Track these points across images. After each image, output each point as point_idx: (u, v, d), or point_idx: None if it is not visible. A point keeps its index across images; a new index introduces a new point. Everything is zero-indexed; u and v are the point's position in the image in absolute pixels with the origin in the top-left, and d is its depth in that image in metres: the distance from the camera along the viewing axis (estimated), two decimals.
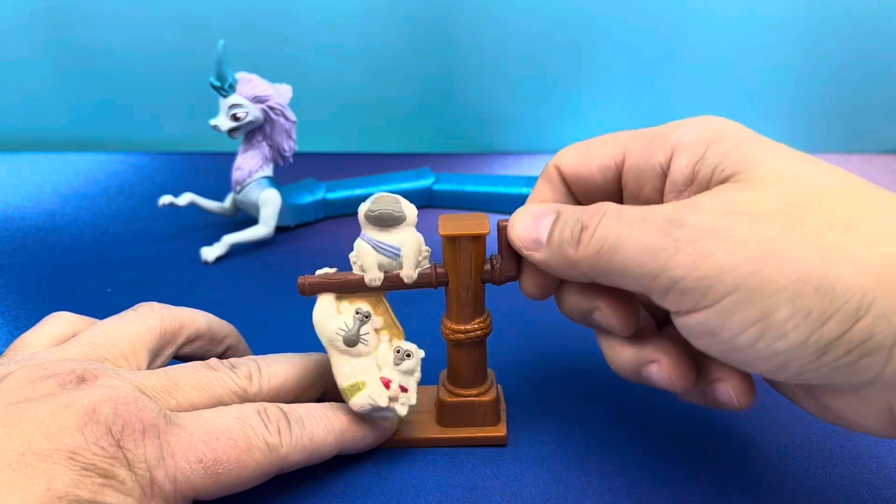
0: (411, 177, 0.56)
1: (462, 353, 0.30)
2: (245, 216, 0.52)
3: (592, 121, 0.69)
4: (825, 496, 0.28)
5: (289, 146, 0.50)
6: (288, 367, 0.29)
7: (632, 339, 0.27)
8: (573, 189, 0.28)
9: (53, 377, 0.24)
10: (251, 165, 0.49)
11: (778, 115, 0.67)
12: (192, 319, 0.30)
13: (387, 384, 0.28)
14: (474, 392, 0.30)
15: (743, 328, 0.21)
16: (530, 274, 0.28)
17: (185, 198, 0.49)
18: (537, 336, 0.38)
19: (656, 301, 0.23)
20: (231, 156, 0.50)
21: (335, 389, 0.31)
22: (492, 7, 0.64)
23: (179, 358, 0.31)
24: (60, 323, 0.29)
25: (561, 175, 0.28)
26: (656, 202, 0.26)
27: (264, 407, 0.26)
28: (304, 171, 0.57)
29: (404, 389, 0.28)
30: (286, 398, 0.29)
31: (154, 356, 0.29)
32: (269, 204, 0.49)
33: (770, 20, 0.63)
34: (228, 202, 0.52)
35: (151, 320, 0.29)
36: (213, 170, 0.61)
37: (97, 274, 0.47)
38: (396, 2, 0.64)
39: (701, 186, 0.23)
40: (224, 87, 0.46)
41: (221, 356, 0.31)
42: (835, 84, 0.65)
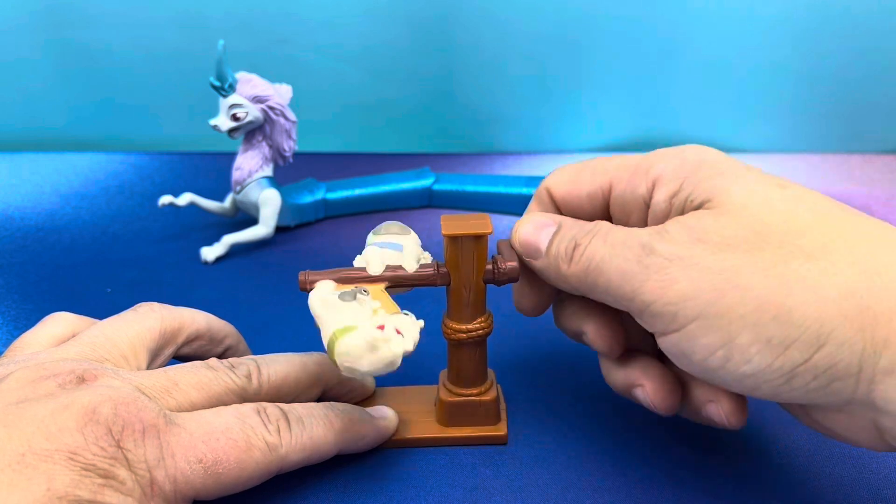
0: (411, 177, 0.56)
1: (463, 353, 0.30)
2: (245, 216, 0.52)
3: (592, 121, 0.69)
4: (825, 496, 0.28)
5: (289, 146, 0.50)
6: (287, 367, 0.29)
7: (620, 361, 0.28)
8: (564, 212, 0.29)
9: (53, 377, 0.24)
10: (251, 165, 0.49)
11: (778, 115, 0.67)
12: (192, 319, 0.30)
13: (381, 328, 0.25)
14: (475, 391, 0.30)
15: (710, 352, 0.22)
16: (524, 294, 0.30)
17: (185, 198, 0.49)
18: (537, 336, 0.38)
19: (637, 321, 0.24)
20: (231, 156, 0.50)
21: (335, 389, 0.31)
22: (492, 7, 0.63)
23: (179, 358, 0.31)
24: (60, 323, 0.29)
25: (552, 198, 0.29)
26: None
27: (264, 406, 0.26)
28: (304, 171, 0.57)
29: (399, 333, 0.25)
30: (286, 398, 0.29)
31: (154, 356, 0.29)
32: (269, 204, 0.49)
33: (770, 20, 0.63)
34: (228, 202, 0.52)
35: (151, 320, 0.29)
36: (213, 170, 0.61)
37: (97, 274, 0.47)
38: (396, 2, 0.64)
39: (675, 216, 0.24)
40: (224, 87, 0.46)
41: (221, 356, 0.31)
42: (835, 84, 0.65)
